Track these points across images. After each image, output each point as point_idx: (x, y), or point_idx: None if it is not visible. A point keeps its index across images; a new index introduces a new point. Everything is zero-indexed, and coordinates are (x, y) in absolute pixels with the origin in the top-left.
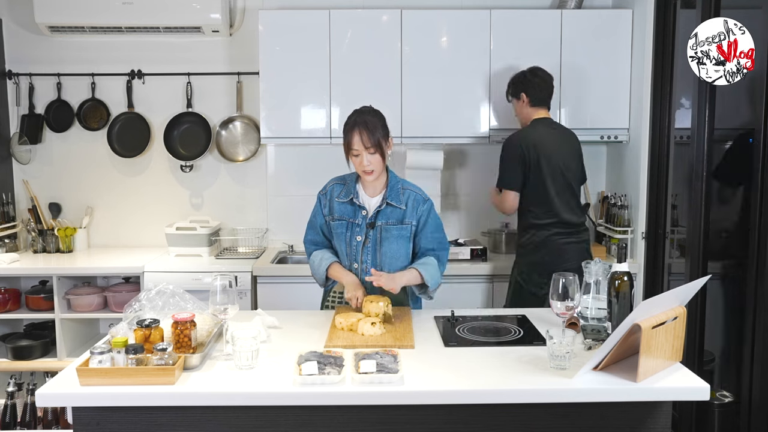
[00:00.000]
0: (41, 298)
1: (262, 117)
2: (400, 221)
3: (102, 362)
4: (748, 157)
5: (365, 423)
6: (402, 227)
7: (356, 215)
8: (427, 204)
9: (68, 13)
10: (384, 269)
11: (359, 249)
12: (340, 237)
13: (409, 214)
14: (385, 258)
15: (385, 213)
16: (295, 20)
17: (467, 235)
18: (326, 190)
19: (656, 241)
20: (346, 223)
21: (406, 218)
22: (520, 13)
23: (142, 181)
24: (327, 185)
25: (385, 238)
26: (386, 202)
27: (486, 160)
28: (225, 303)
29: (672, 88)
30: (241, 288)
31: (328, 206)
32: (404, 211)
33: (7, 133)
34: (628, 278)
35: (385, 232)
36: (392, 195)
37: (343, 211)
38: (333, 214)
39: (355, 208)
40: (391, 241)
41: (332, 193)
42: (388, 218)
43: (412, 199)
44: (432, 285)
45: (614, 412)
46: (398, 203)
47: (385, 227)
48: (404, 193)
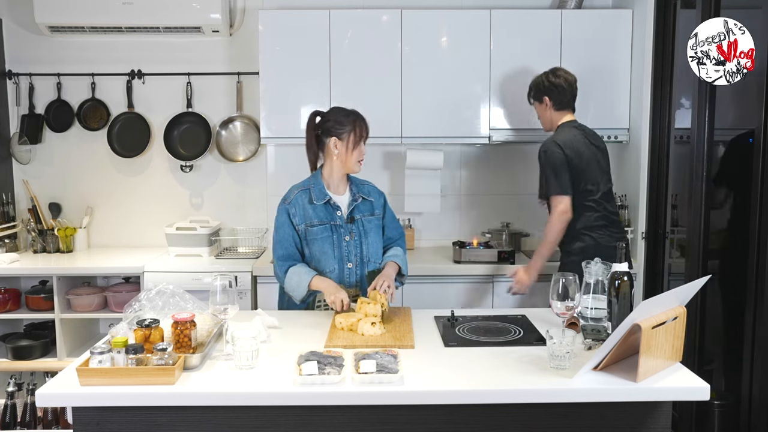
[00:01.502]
0: (41, 298)
1: (262, 117)
2: (371, 213)
3: (102, 362)
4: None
5: (365, 423)
6: (375, 218)
7: (334, 216)
8: (383, 194)
9: (68, 13)
10: (370, 261)
11: (350, 248)
12: (323, 241)
13: (376, 205)
14: (370, 250)
15: (359, 207)
16: (295, 20)
17: (467, 235)
18: (291, 200)
19: (656, 241)
20: (328, 227)
21: (375, 209)
22: (520, 13)
23: (142, 181)
24: (290, 195)
25: (367, 231)
26: (361, 196)
27: (486, 160)
28: (225, 303)
29: (672, 88)
30: (241, 288)
31: (300, 215)
32: (372, 203)
33: (7, 133)
34: (628, 278)
35: (365, 225)
36: (359, 189)
37: (321, 215)
38: (309, 221)
39: (331, 210)
40: (370, 233)
41: (301, 200)
42: (363, 212)
43: (373, 190)
44: (407, 272)
45: (614, 412)
46: (368, 196)
47: (363, 221)
48: (364, 186)
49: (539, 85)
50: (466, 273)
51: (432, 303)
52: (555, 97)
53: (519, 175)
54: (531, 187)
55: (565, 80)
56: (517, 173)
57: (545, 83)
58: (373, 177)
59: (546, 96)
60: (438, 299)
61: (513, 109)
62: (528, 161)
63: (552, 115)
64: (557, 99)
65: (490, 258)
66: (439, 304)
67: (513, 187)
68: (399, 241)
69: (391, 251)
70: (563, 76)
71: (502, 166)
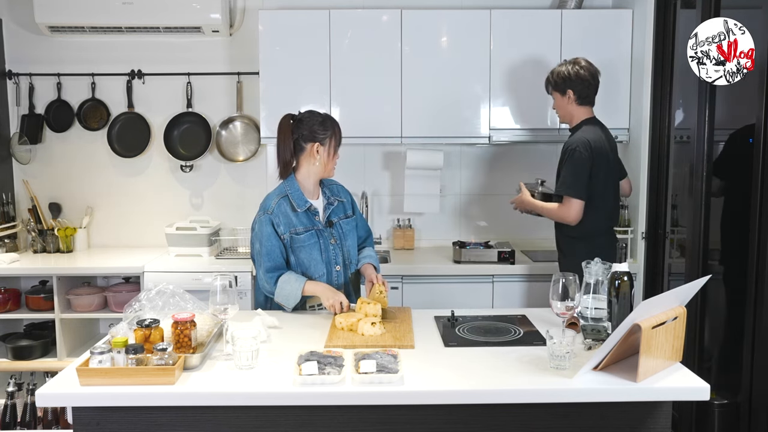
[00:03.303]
0: (41, 298)
1: (262, 117)
2: (345, 214)
3: (102, 362)
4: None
5: (365, 423)
6: (351, 219)
7: (314, 222)
8: (349, 192)
9: (68, 13)
10: (352, 262)
11: (336, 251)
12: (312, 248)
13: (348, 206)
14: (351, 252)
15: (336, 210)
16: (295, 20)
17: (467, 235)
18: (273, 209)
19: (656, 241)
20: (314, 232)
21: (347, 210)
22: (520, 13)
23: (142, 181)
24: (272, 204)
25: (346, 233)
26: (337, 199)
27: (486, 160)
28: (225, 303)
29: (672, 88)
30: (241, 288)
31: (284, 223)
32: (344, 204)
33: (7, 133)
34: (628, 278)
35: (343, 228)
36: (331, 191)
37: (304, 221)
38: (294, 228)
39: (311, 215)
40: (349, 235)
41: (282, 208)
42: (338, 214)
43: (341, 189)
44: (380, 272)
45: (614, 412)
46: (339, 196)
47: (341, 223)
48: (333, 185)
49: (564, 76)
50: (466, 273)
51: (432, 303)
52: (580, 90)
53: (519, 175)
54: None
55: (590, 73)
56: (517, 173)
57: (571, 74)
58: (374, 177)
59: (570, 89)
60: (438, 299)
61: (513, 109)
62: (528, 161)
63: (573, 109)
64: (582, 92)
65: (489, 258)
66: (439, 304)
67: (513, 187)
68: (369, 240)
69: (365, 252)
70: (588, 68)
71: (502, 166)
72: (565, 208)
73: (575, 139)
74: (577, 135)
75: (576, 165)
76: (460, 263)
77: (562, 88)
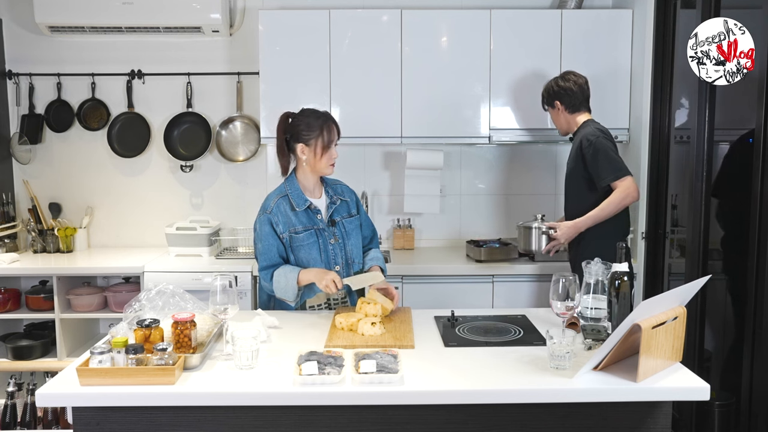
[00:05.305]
0: (41, 298)
1: (262, 117)
2: (349, 213)
3: (102, 362)
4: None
5: (365, 423)
6: (354, 219)
7: (315, 221)
8: (354, 192)
9: (68, 13)
10: (354, 262)
11: (336, 251)
12: (311, 247)
13: (352, 205)
14: (353, 251)
15: (338, 209)
16: (295, 20)
17: (466, 235)
18: (272, 209)
19: (656, 241)
20: (313, 232)
21: (351, 209)
22: (520, 13)
23: (142, 181)
24: (271, 204)
25: (349, 232)
26: (340, 198)
27: (486, 160)
28: (225, 303)
29: (672, 88)
30: (241, 288)
31: (283, 222)
32: (348, 203)
33: (7, 133)
34: (628, 278)
35: (345, 227)
36: (334, 190)
37: (304, 220)
38: (293, 227)
39: (311, 214)
40: (352, 234)
41: (282, 207)
42: (342, 213)
43: (346, 190)
44: (386, 273)
45: (614, 412)
46: (342, 196)
47: (343, 222)
48: (337, 186)
49: (549, 91)
50: (466, 273)
51: (432, 303)
52: (566, 100)
53: (519, 175)
54: (531, 187)
55: (574, 83)
56: (517, 173)
57: (554, 88)
58: (373, 177)
59: (557, 100)
60: (438, 299)
61: (513, 109)
62: (528, 161)
63: (567, 117)
64: (568, 102)
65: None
66: (439, 304)
67: (513, 187)
68: (374, 240)
69: (371, 254)
70: (572, 79)
71: (502, 166)
72: (623, 191)
73: (586, 132)
74: (585, 130)
75: (605, 150)
76: (480, 262)
77: (550, 102)
